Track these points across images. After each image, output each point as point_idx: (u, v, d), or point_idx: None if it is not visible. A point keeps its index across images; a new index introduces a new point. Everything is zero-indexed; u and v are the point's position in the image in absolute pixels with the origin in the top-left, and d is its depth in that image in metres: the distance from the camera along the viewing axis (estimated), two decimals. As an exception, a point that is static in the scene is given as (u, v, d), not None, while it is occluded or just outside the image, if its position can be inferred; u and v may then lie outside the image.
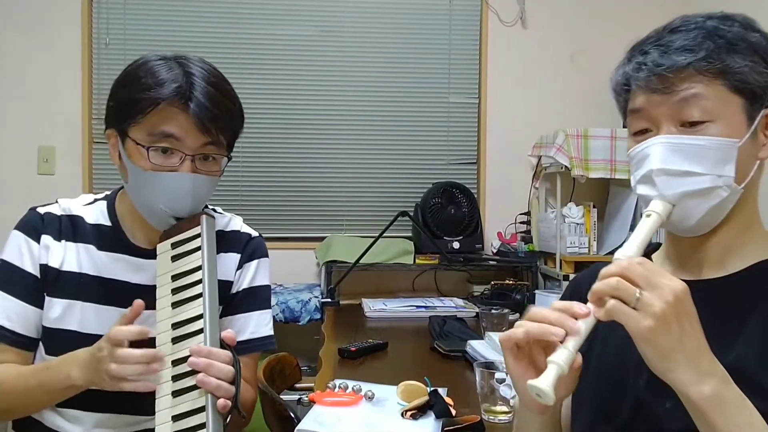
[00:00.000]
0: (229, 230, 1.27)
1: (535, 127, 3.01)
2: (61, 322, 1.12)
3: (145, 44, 2.95)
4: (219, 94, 1.11)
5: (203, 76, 1.10)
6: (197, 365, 0.92)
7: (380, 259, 2.70)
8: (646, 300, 0.64)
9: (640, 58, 0.80)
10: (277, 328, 2.76)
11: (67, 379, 1.00)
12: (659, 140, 0.78)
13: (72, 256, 1.14)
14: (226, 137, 1.14)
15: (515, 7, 3.09)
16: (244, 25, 3.02)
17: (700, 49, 0.76)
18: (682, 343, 0.64)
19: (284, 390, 1.72)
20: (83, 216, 1.17)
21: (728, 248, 0.82)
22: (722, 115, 0.76)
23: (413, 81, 3.09)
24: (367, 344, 1.77)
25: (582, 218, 2.77)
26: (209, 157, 1.11)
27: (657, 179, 0.78)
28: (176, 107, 1.05)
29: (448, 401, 1.23)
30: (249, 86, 3.01)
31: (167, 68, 1.09)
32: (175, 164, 1.07)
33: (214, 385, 0.91)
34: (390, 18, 3.08)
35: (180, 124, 1.06)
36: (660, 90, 0.78)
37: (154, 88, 1.05)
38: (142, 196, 1.10)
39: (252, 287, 1.25)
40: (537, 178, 3.04)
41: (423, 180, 3.04)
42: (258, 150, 3.03)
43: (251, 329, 1.22)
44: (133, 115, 1.06)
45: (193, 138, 1.07)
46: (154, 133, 1.06)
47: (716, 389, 0.65)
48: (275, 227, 3.05)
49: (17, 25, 2.89)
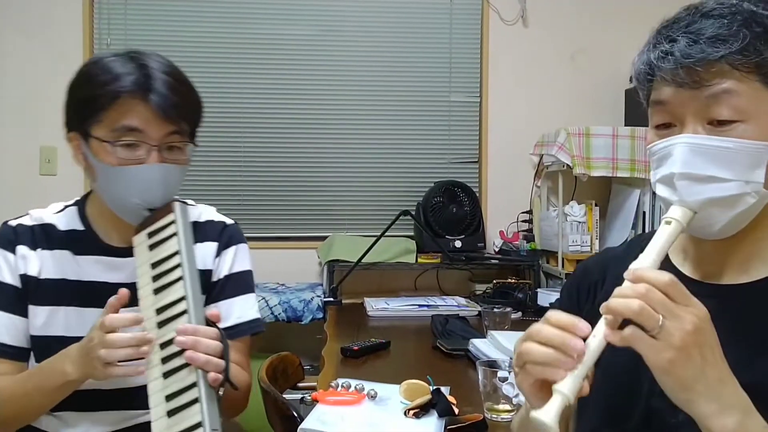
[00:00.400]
0: (203, 221, 1.27)
1: (536, 126, 3.01)
2: (46, 329, 1.13)
3: (147, 44, 2.95)
4: (177, 83, 1.11)
5: (159, 68, 1.10)
6: (185, 344, 0.93)
7: (382, 258, 2.70)
8: (666, 329, 0.60)
9: (666, 46, 0.71)
10: (280, 328, 2.78)
11: (62, 375, 1.01)
12: (683, 140, 0.71)
13: (49, 263, 1.15)
14: (188, 125, 1.14)
15: (516, 6, 3.09)
16: (245, 25, 3.02)
17: (735, 39, 0.68)
18: (704, 374, 0.61)
19: (287, 389, 1.72)
20: (55, 224, 1.19)
21: (753, 253, 0.76)
22: (755, 115, 0.69)
23: (414, 79, 3.09)
24: (370, 343, 1.77)
25: (584, 217, 2.77)
26: (174, 146, 1.12)
27: (678, 183, 0.71)
28: (136, 99, 1.06)
29: (450, 400, 1.23)
30: (250, 85, 3.01)
31: (121, 63, 1.09)
32: (142, 156, 1.07)
33: (203, 360, 0.93)
34: (391, 17, 3.08)
35: (141, 115, 1.06)
36: (687, 84, 0.70)
37: (111, 82, 1.06)
38: (113, 193, 1.11)
39: (232, 273, 1.25)
40: (539, 177, 3.03)
41: (425, 179, 3.04)
42: (260, 149, 3.03)
43: (237, 314, 1.23)
44: (93, 113, 1.07)
45: (157, 128, 1.07)
46: (117, 128, 1.06)
47: (740, 422, 0.62)
48: (277, 226, 3.05)
49: (18, 25, 2.89)
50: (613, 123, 2.85)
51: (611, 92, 3.04)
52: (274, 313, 2.53)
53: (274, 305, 2.54)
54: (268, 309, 2.53)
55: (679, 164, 0.71)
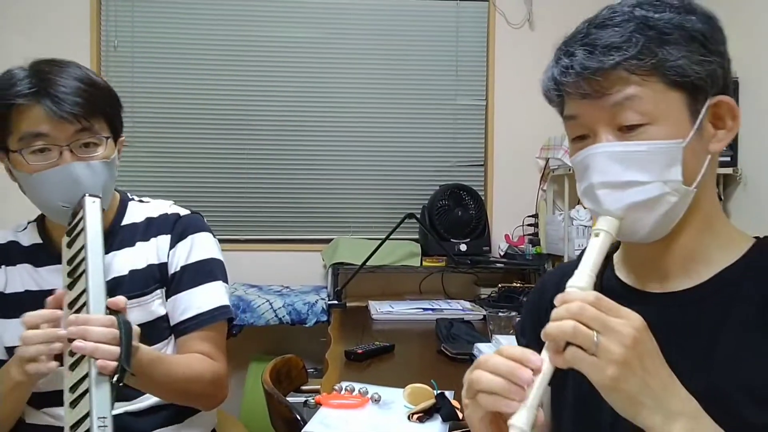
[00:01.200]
0: (157, 215, 1.28)
1: (542, 129, 2.99)
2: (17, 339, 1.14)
3: (153, 47, 2.97)
4: (74, 80, 1.12)
5: (55, 71, 1.12)
6: (74, 334, 0.94)
7: (387, 261, 2.70)
8: (604, 346, 0.60)
9: (566, 61, 0.73)
10: (284, 330, 2.78)
11: (9, 379, 1.03)
12: (597, 149, 0.72)
13: (14, 278, 1.21)
14: (101, 121, 1.14)
15: (522, 9, 3.08)
16: (251, 28, 3.02)
17: (629, 45, 0.69)
18: (647, 386, 0.61)
19: (290, 392, 1.72)
20: (18, 241, 1.25)
21: (691, 253, 0.75)
22: (662, 115, 0.70)
23: (421, 83, 3.08)
24: (374, 346, 1.76)
25: (590, 221, 2.75)
26: (90, 143, 1.13)
27: (599, 192, 0.73)
28: (32, 104, 1.08)
29: (455, 404, 1.22)
30: (255, 88, 3.02)
31: (18, 72, 1.12)
32: (54, 159, 1.09)
33: (90, 349, 0.93)
34: (397, 20, 3.08)
35: (42, 120, 1.08)
36: (590, 95, 0.71)
37: (6, 91, 1.08)
38: (39, 200, 1.13)
39: (189, 264, 1.25)
40: (544, 180, 3.03)
41: (430, 182, 3.04)
42: (264, 151, 3.03)
43: (197, 304, 1.23)
44: (1, 126, 1.10)
45: (60, 129, 1.09)
46: (23, 136, 1.09)
47: (688, 427, 0.62)
48: (282, 229, 3.05)
49: (25, 28, 2.90)
50: (619, 127, 2.84)
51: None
52: (278, 315, 2.53)
53: (279, 308, 2.54)
54: (273, 311, 2.53)
55: (596, 174, 0.73)
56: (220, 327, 1.26)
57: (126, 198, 1.30)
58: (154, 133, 2.95)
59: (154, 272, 1.23)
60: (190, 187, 2.99)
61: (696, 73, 0.70)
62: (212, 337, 1.24)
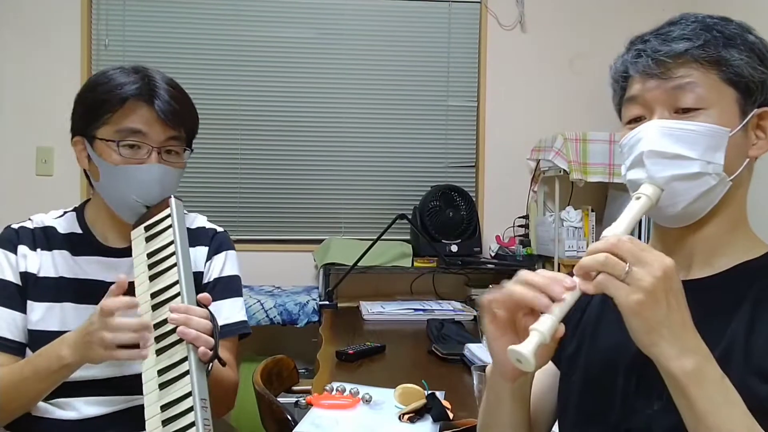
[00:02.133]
0: (195, 227, 1.35)
1: (533, 131, 3.02)
2: (43, 323, 1.19)
3: (145, 46, 2.95)
4: (177, 93, 1.21)
5: (160, 78, 1.20)
6: (177, 320, 0.99)
7: (378, 262, 2.70)
8: (635, 275, 0.65)
9: (640, 46, 0.82)
10: (275, 331, 2.78)
11: (58, 359, 1.05)
12: (652, 124, 0.79)
13: (48, 262, 1.22)
14: (186, 132, 1.24)
15: (514, 11, 3.10)
16: (243, 28, 3.02)
17: (698, 38, 0.78)
18: (668, 318, 0.65)
19: (281, 393, 1.72)
20: (55, 227, 1.27)
21: (715, 247, 0.82)
22: (715, 104, 0.77)
23: (412, 84, 3.09)
24: (365, 347, 1.77)
25: (580, 222, 2.77)
26: (172, 150, 1.21)
27: (647, 161, 0.78)
28: (141, 102, 1.16)
29: (445, 404, 1.23)
30: (247, 88, 3.01)
31: (125, 74, 1.19)
32: (143, 157, 1.17)
33: (194, 335, 0.98)
34: (389, 21, 3.09)
35: (145, 119, 1.16)
36: (657, 75, 0.79)
37: (119, 88, 1.16)
38: (114, 190, 1.18)
39: (222, 277, 1.32)
40: (535, 182, 3.04)
41: (421, 183, 3.05)
42: (257, 152, 3.03)
43: (225, 315, 1.27)
44: (100, 116, 1.16)
45: (158, 132, 1.17)
46: (122, 129, 1.15)
47: (698, 365, 0.65)
48: (274, 229, 3.05)
49: (16, 26, 2.88)
50: (610, 129, 2.85)
51: (608, 98, 3.02)
52: (269, 315, 2.53)
53: (270, 308, 2.54)
54: (264, 312, 2.53)
55: (648, 143, 0.79)
56: (236, 340, 1.32)
57: None
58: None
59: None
60: (182, 186, 2.96)
61: (751, 76, 0.78)
62: (231, 349, 1.29)
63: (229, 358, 1.26)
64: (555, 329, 0.68)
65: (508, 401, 0.84)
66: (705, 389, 0.65)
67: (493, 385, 0.85)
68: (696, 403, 0.65)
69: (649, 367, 0.69)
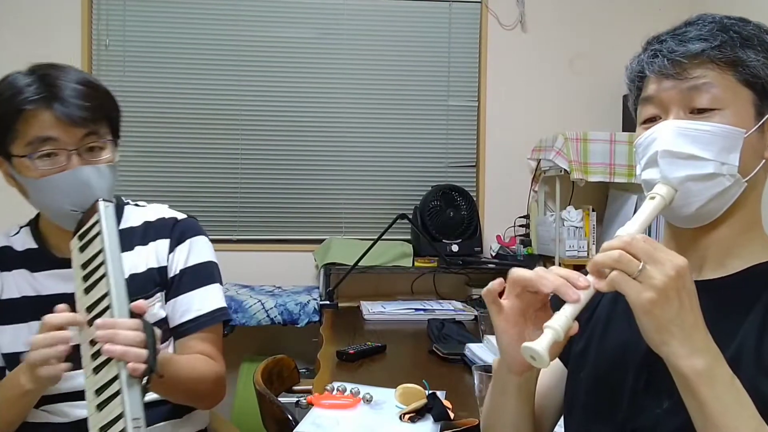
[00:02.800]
0: (154, 219, 1.29)
1: (534, 131, 3.01)
2: (14, 345, 1.17)
3: (145, 46, 2.95)
4: (80, 85, 1.12)
5: (60, 75, 1.12)
6: (102, 337, 0.95)
7: (379, 262, 2.70)
8: (648, 273, 0.65)
9: (656, 46, 0.82)
10: (276, 330, 2.78)
11: (18, 386, 1.03)
12: (667, 124, 0.79)
13: (9, 284, 1.20)
14: (104, 125, 1.15)
15: (515, 11, 3.10)
16: (243, 28, 3.02)
17: (714, 39, 0.77)
18: (680, 317, 0.65)
19: (282, 392, 1.72)
20: (12, 245, 1.24)
21: (729, 248, 0.81)
22: (731, 105, 0.77)
23: (413, 84, 3.09)
24: (366, 347, 1.77)
25: (581, 222, 2.77)
26: (95, 147, 1.14)
27: (661, 161, 0.78)
28: (41, 109, 1.08)
29: (446, 404, 1.23)
30: (248, 88, 3.01)
31: (22, 77, 1.11)
32: (63, 163, 1.09)
33: (120, 352, 0.94)
34: (390, 21, 3.09)
35: (52, 124, 1.08)
36: (673, 75, 0.78)
37: (13, 98, 1.08)
38: (47, 205, 1.14)
39: (188, 267, 1.27)
40: (536, 182, 3.04)
41: (422, 183, 3.04)
42: (257, 151, 3.03)
43: (197, 306, 1.25)
44: (5, 131, 1.09)
45: (69, 134, 1.09)
46: (31, 141, 1.08)
47: (709, 365, 0.65)
48: (274, 229, 3.05)
49: (16, 26, 2.88)
50: (610, 128, 2.86)
51: (609, 98, 3.05)
52: (270, 315, 2.53)
53: (270, 308, 2.54)
54: (264, 311, 2.53)
55: (663, 143, 0.78)
56: (217, 328, 1.28)
57: (122, 202, 1.30)
58: (145, 132, 2.93)
59: (154, 276, 1.24)
60: (182, 187, 2.98)
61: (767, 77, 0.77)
62: (211, 339, 1.26)
63: (209, 350, 1.24)
64: (569, 326, 0.68)
65: (513, 395, 0.84)
66: (715, 389, 0.65)
67: (500, 379, 0.85)
68: (705, 403, 0.65)
69: (659, 366, 0.68)
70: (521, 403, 0.84)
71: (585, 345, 0.89)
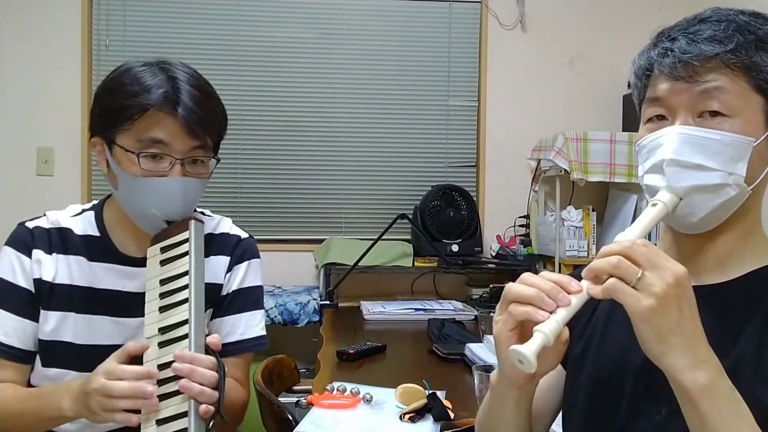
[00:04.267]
0: (218, 233, 1.26)
1: (534, 131, 3.02)
2: (56, 334, 1.13)
3: (145, 46, 2.96)
4: (204, 97, 1.11)
5: (188, 80, 1.10)
6: (181, 371, 0.92)
7: (379, 262, 2.70)
8: (647, 280, 0.63)
9: (667, 44, 0.77)
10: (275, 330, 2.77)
11: (58, 409, 1.00)
12: (675, 130, 0.75)
13: (63, 268, 1.15)
14: (212, 139, 1.14)
15: (515, 11, 3.10)
16: (243, 28, 3.02)
17: (729, 41, 0.74)
18: (680, 327, 0.63)
19: (282, 392, 1.72)
20: (72, 228, 1.18)
21: (729, 253, 0.79)
22: (741, 112, 0.74)
23: (413, 84, 3.09)
24: (366, 347, 1.76)
25: (581, 222, 2.77)
26: (198, 160, 1.12)
27: (667, 170, 0.75)
28: (164, 112, 1.06)
29: (446, 404, 1.22)
30: (248, 88, 3.01)
31: (151, 74, 1.08)
32: (165, 169, 1.07)
33: (196, 391, 0.92)
34: (390, 21, 3.09)
35: (168, 129, 1.06)
36: (684, 78, 0.75)
37: (141, 94, 1.06)
38: (134, 203, 1.11)
39: (241, 288, 1.25)
40: (536, 182, 3.04)
41: (422, 183, 3.05)
42: (257, 152, 3.03)
43: (241, 330, 1.23)
44: (120, 122, 1.07)
45: (182, 142, 1.08)
46: (143, 139, 1.06)
47: (711, 378, 0.64)
48: (274, 229, 3.05)
49: (17, 26, 2.88)
50: (610, 128, 2.86)
51: (609, 97, 3.05)
52: (270, 315, 2.53)
53: (270, 308, 2.54)
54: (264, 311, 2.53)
55: (671, 152, 0.75)
56: (251, 356, 1.27)
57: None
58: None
59: (209, 291, 1.18)
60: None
61: None
62: (244, 365, 1.24)
63: (241, 377, 1.22)
64: (560, 331, 0.67)
65: (512, 407, 0.82)
66: (716, 403, 0.64)
67: (499, 392, 0.83)
68: (707, 417, 0.64)
69: (658, 372, 0.67)
70: (519, 414, 0.83)
71: (583, 348, 0.88)
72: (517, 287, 0.71)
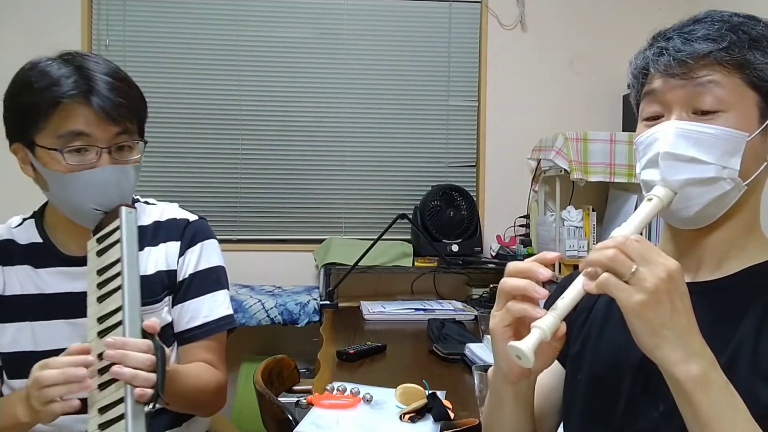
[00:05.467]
0: (164, 219, 1.25)
1: (534, 130, 3.02)
2: (14, 345, 1.13)
3: (145, 46, 2.95)
4: (116, 81, 1.08)
5: (97, 69, 1.07)
6: (113, 357, 0.92)
7: (379, 262, 2.70)
8: (639, 275, 0.64)
9: (662, 44, 0.80)
10: (276, 330, 2.78)
11: (14, 416, 0.99)
12: (670, 125, 0.77)
13: (12, 279, 1.15)
14: (134, 123, 1.12)
15: (515, 11, 3.10)
16: (243, 27, 3.02)
17: (723, 40, 0.76)
18: (672, 320, 0.64)
19: (282, 392, 1.72)
20: (15, 239, 1.18)
21: (727, 250, 0.81)
22: (735, 107, 0.76)
23: (413, 84, 3.09)
24: (366, 347, 1.77)
25: (581, 222, 2.77)
26: (124, 146, 1.10)
27: (662, 163, 0.77)
28: (77, 103, 1.03)
29: (446, 404, 1.23)
30: (248, 88, 3.01)
31: (57, 66, 1.06)
32: (93, 160, 1.06)
33: (129, 375, 0.91)
34: (390, 21, 3.09)
35: (86, 119, 1.04)
36: (678, 75, 0.77)
37: (50, 87, 1.03)
38: (68, 201, 1.09)
39: (198, 271, 1.23)
40: (536, 182, 3.04)
41: (422, 182, 3.05)
42: (257, 152, 3.03)
43: (205, 313, 1.22)
44: (34, 121, 1.04)
45: (103, 130, 1.06)
46: (63, 134, 1.04)
47: (703, 370, 0.65)
48: (274, 229, 3.05)
49: (16, 26, 2.88)
50: (610, 128, 2.86)
51: (609, 97, 3.05)
52: (270, 315, 2.53)
53: (270, 308, 2.54)
54: (264, 312, 2.53)
55: (665, 144, 0.77)
56: (222, 336, 1.25)
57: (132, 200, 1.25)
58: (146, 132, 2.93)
59: (163, 279, 1.20)
60: (182, 187, 2.98)
61: None
62: (215, 347, 1.23)
63: (212, 359, 1.22)
64: (556, 326, 0.68)
65: (510, 403, 0.83)
66: (710, 395, 0.64)
67: (496, 388, 0.84)
68: (700, 408, 0.64)
69: (655, 369, 0.68)
70: (519, 410, 0.84)
71: (581, 347, 0.89)
72: (511, 281, 0.73)
